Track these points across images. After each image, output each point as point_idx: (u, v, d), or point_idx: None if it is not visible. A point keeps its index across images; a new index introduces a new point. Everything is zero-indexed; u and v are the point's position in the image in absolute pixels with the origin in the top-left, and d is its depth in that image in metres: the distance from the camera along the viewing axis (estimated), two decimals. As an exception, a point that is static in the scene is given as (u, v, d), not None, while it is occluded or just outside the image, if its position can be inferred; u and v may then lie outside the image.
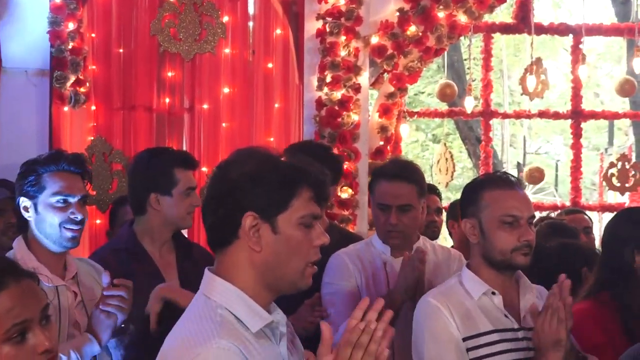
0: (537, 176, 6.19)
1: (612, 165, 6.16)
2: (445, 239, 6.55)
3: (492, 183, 2.62)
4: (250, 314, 1.74)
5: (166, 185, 2.92)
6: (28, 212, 2.59)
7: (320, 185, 1.84)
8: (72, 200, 2.55)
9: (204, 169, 4.74)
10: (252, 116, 5.11)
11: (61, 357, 2.41)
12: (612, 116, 7.50)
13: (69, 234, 2.57)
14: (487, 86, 6.07)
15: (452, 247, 4.13)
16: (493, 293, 2.56)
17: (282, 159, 1.91)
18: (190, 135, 5.07)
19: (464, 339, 2.50)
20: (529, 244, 2.51)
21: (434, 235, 4.48)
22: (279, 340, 1.81)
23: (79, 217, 2.57)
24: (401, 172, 3.25)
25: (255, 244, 1.74)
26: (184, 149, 4.87)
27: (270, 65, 5.12)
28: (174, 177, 2.92)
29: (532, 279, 2.73)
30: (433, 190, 4.44)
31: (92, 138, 4.88)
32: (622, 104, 8.23)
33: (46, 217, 2.57)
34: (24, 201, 2.59)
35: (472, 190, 2.66)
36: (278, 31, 5.13)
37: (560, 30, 6.13)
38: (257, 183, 1.77)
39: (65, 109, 4.73)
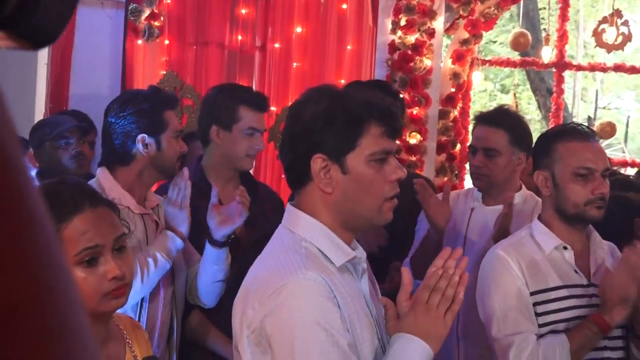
0: (608, 131, 5.95)
1: None
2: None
3: (567, 134, 2.56)
4: (334, 248, 1.75)
5: (227, 120, 2.89)
6: (147, 148, 2.60)
7: (391, 119, 1.79)
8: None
9: (273, 108, 4.66)
10: (324, 57, 5.04)
11: (148, 261, 2.50)
12: None
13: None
14: (563, 37, 5.80)
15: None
16: (564, 247, 2.52)
17: (353, 95, 1.86)
18: (261, 74, 5.04)
19: (532, 294, 2.47)
20: (603, 197, 2.45)
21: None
22: (360, 276, 1.83)
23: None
24: (493, 117, 3.26)
25: (326, 186, 1.74)
26: (254, 87, 4.86)
27: (344, 6, 5.04)
28: (236, 113, 2.89)
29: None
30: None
31: (164, 72, 4.86)
32: None
33: (169, 151, 2.66)
34: (144, 138, 2.59)
35: (545, 142, 2.61)
36: None
37: None
38: (326, 123, 1.75)
39: (139, 42, 4.69)
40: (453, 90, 5.19)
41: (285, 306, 1.65)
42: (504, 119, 3.21)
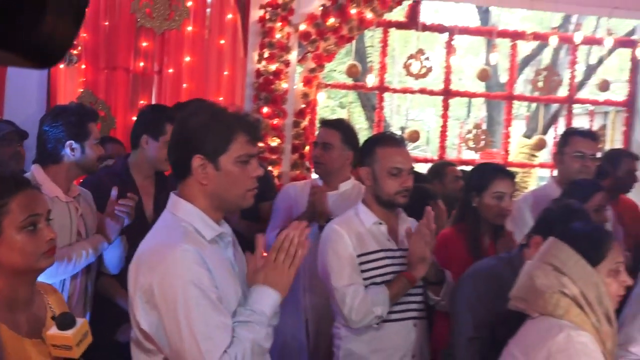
0: (415, 137, 6.69)
1: (469, 132, 6.56)
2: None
3: (384, 141, 2.82)
4: (205, 227, 1.90)
5: (156, 132, 3.08)
6: (74, 151, 2.76)
7: (255, 131, 1.95)
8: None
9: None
10: (207, 80, 5.38)
11: (82, 253, 2.70)
12: (470, 95, 8.13)
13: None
14: (382, 68, 6.43)
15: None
16: (380, 223, 2.79)
17: (226, 109, 1.97)
18: (158, 93, 5.35)
19: (358, 256, 2.73)
20: (408, 188, 2.74)
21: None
22: (226, 246, 1.98)
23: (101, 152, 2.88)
24: (332, 122, 3.73)
25: (203, 179, 1.88)
26: (153, 103, 5.10)
27: (222, 41, 5.38)
28: (164, 128, 3.05)
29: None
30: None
31: (82, 90, 5.19)
32: (479, 87, 8.90)
33: (91, 155, 2.80)
34: (71, 143, 2.74)
35: (368, 145, 2.85)
36: (229, 16, 5.38)
37: (438, 29, 6.49)
38: (205, 131, 1.88)
39: (61, 66, 4.97)
40: (303, 106, 5.59)
41: (168, 272, 1.77)
42: (339, 124, 3.65)
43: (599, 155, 4.16)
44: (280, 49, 5.38)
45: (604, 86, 6.84)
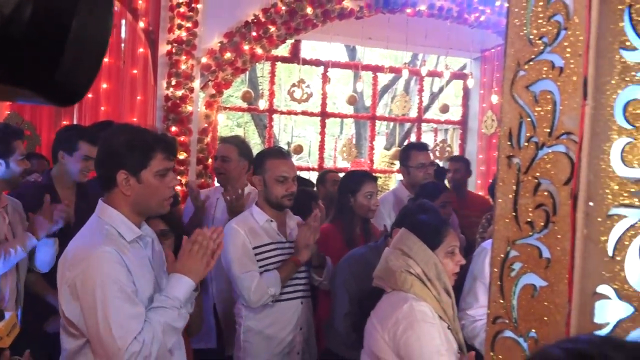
0: (298, 150, 6.75)
1: (343, 146, 6.67)
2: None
3: (272, 154, 2.81)
4: (127, 230, 1.84)
5: (70, 149, 2.95)
6: (0, 167, 2.60)
7: (172, 149, 1.90)
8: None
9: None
10: (122, 104, 5.31)
11: (10, 250, 2.57)
12: (342, 116, 7.84)
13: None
14: (271, 94, 6.51)
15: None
16: (271, 221, 2.77)
17: (146, 130, 1.91)
18: (79, 115, 5.23)
19: (254, 248, 2.69)
20: (293, 193, 2.75)
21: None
22: (145, 246, 1.92)
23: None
24: (228, 138, 3.75)
25: (127, 191, 1.83)
26: (74, 123, 4.94)
27: (135, 71, 5.35)
28: (76, 145, 2.94)
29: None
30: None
31: (9, 112, 4.99)
32: (349, 109, 9.03)
33: (16, 169, 2.65)
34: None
35: (260, 158, 2.83)
36: (141, 49, 5.33)
37: (316, 63, 6.61)
38: (128, 149, 1.82)
39: None
40: (206, 125, 5.54)
41: (89, 269, 1.73)
42: (235, 140, 3.65)
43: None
44: (185, 78, 5.30)
45: (444, 109, 7.20)
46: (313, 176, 6.07)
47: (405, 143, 6.63)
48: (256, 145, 10.77)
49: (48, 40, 0.47)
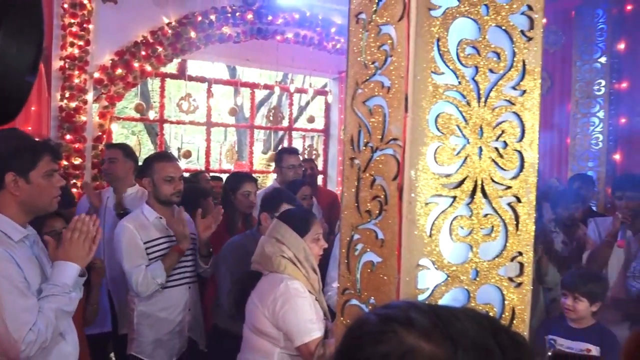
0: (187, 154, 6.52)
1: (227, 150, 6.63)
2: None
3: (159, 157, 2.75)
4: (13, 230, 1.72)
5: None
6: None
7: (57, 152, 1.83)
8: None
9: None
10: (20, 114, 4.76)
11: None
12: (225, 125, 8.33)
13: None
14: (162, 106, 6.20)
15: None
16: (160, 217, 2.69)
17: (32, 137, 1.84)
18: None
19: (145, 243, 2.61)
20: (180, 191, 2.68)
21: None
22: (31, 245, 1.79)
23: None
24: (113, 144, 3.89)
25: (15, 191, 1.72)
26: None
27: None
28: None
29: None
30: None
31: None
32: (231, 120, 8.81)
33: None
34: None
35: (149, 161, 2.76)
36: None
37: (201, 79, 6.41)
38: (14, 153, 1.71)
39: None
40: (100, 134, 5.18)
41: None
42: (120, 144, 3.60)
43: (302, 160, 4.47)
44: (78, 91, 4.97)
45: (311, 119, 7.34)
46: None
47: (279, 148, 6.64)
48: (150, 152, 10.20)
49: None
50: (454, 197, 1.14)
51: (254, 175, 3.70)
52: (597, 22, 4.67)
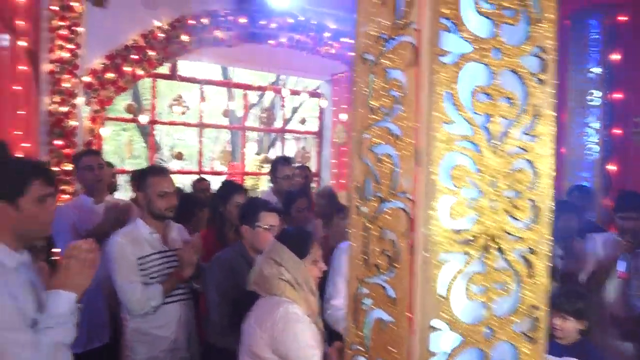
0: (179, 156, 6.41)
1: (220, 152, 6.68)
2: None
3: (154, 172, 2.66)
4: (8, 257, 1.64)
5: None
6: None
7: (48, 174, 1.69)
8: None
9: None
10: (6, 118, 4.59)
11: None
12: (218, 127, 8.30)
13: None
14: (153, 108, 6.16)
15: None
16: (154, 233, 2.62)
17: (20, 159, 1.81)
18: None
19: (138, 258, 2.52)
20: (174, 205, 2.62)
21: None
22: (27, 270, 1.71)
23: None
24: (95, 151, 3.73)
25: (4, 219, 1.63)
26: None
27: (19, 87, 4.63)
28: None
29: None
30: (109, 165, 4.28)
31: None
32: (224, 121, 9.12)
33: None
34: None
35: (141, 176, 2.67)
36: (25, 68, 4.69)
37: (192, 80, 6.39)
38: (1, 179, 1.63)
39: None
40: (90, 138, 5.13)
41: None
42: (99, 152, 3.56)
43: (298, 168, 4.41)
44: (68, 95, 4.86)
45: (304, 121, 7.29)
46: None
47: (272, 151, 6.57)
48: (142, 149, 10.13)
49: None
50: (468, 253, 1.08)
51: (246, 176, 3.62)
52: (591, 33, 4.61)
